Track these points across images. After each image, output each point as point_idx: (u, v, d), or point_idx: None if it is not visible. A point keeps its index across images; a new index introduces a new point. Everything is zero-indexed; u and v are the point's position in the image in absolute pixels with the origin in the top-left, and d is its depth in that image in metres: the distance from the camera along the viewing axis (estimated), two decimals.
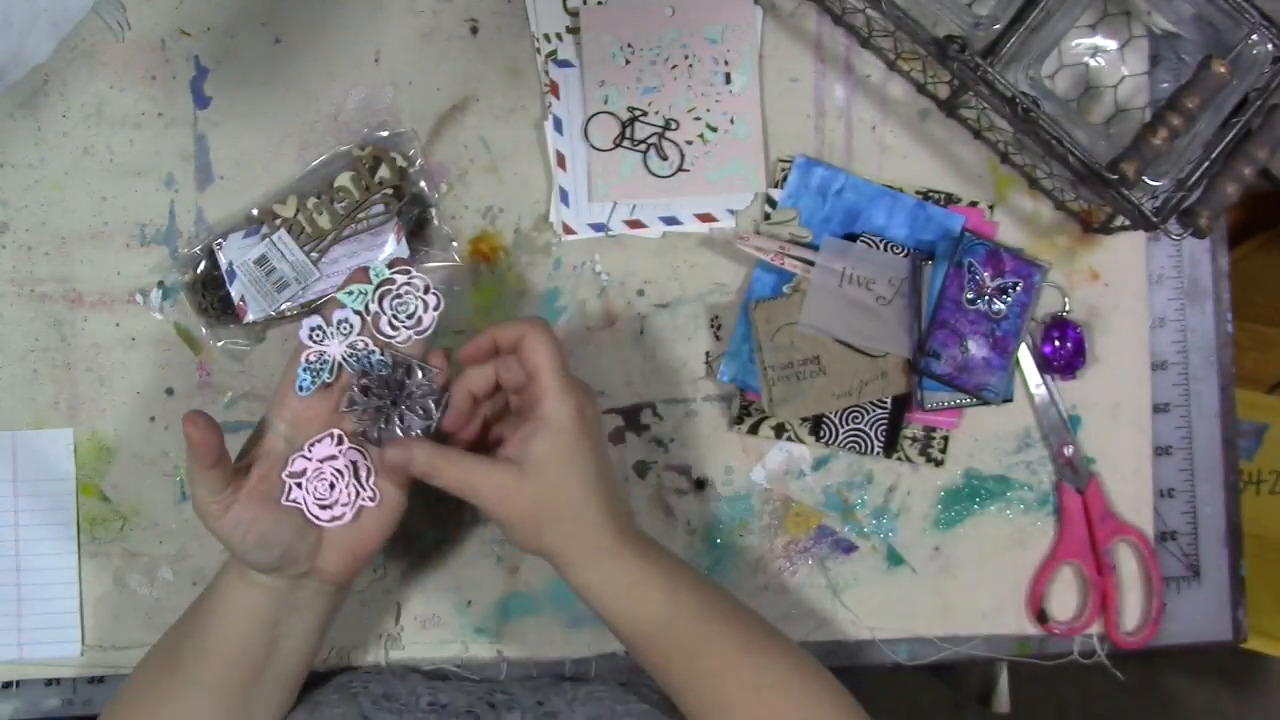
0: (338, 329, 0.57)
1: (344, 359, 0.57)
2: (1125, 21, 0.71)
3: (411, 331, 0.58)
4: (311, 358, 0.57)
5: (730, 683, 0.57)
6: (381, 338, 0.58)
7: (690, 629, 0.57)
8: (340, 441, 0.57)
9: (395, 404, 0.57)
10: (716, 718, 0.57)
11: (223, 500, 0.54)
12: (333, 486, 0.57)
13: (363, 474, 0.58)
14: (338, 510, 0.57)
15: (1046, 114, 0.61)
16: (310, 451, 0.57)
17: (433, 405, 0.58)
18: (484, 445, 0.61)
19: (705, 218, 0.71)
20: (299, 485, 0.56)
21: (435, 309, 0.58)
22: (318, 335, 0.57)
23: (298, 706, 0.63)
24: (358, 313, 0.57)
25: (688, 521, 0.71)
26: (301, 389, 0.57)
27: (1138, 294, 0.72)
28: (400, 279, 0.58)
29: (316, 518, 0.57)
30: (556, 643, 0.71)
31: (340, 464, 0.57)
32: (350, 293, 0.57)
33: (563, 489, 0.55)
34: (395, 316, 0.58)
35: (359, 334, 0.57)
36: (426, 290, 0.58)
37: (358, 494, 0.57)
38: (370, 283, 0.57)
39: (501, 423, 0.62)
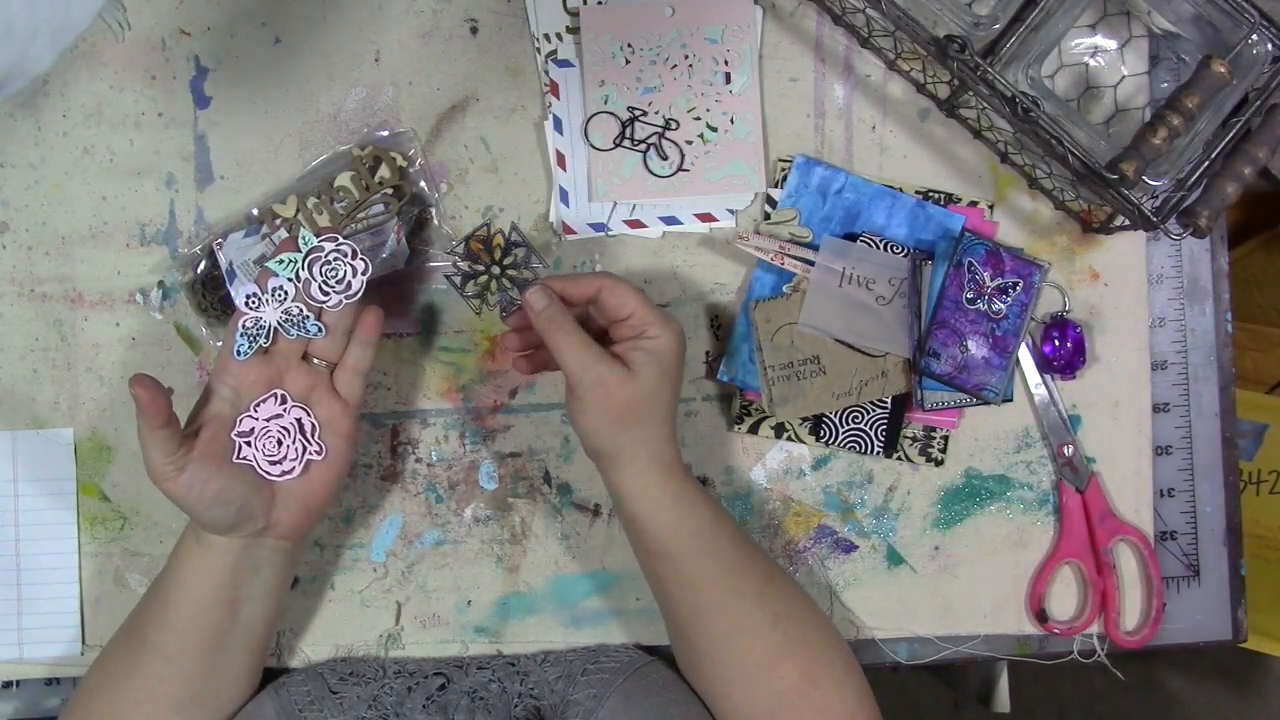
0: (272, 296, 0.59)
1: (279, 324, 0.59)
2: (1125, 21, 0.71)
3: (342, 296, 0.60)
4: (248, 324, 0.59)
5: (754, 605, 0.60)
6: (314, 303, 0.60)
7: (725, 548, 0.61)
8: (284, 401, 0.60)
9: (497, 275, 0.61)
10: (739, 638, 0.60)
11: (176, 461, 0.57)
12: (280, 443, 0.60)
13: (308, 430, 0.60)
14: (287, 465, 0.60)
15: (1046, 114, 0.61)
16: (256, 412, 0.60)
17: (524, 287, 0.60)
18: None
19: (705, 218, 0.71)
20: (248, 444, 0.59)
21: (364, 273, 0.60)
22: (253, 302, 0.59)
23: (265, 689, 0.65)
24: (290, 280, 0.59)
25: None
26: (239, 353, 0.59)
27: (1137, 294, 0.72)
28: (329, 246, 0.60)
29: (268, 473, 0.60)
30: (556, 642, 0.71)
31: (286, 422, 0.60)
32: (281, 261, 0.59)
33: (653, 399, 0.59)
34: (326, 282, 0.59)
35: (293, 300, 0.59)
36: (354, 255, 0.60)
37: (305, 449, 0.60)
38: (299, 251, 0.59)
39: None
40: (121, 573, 0.70)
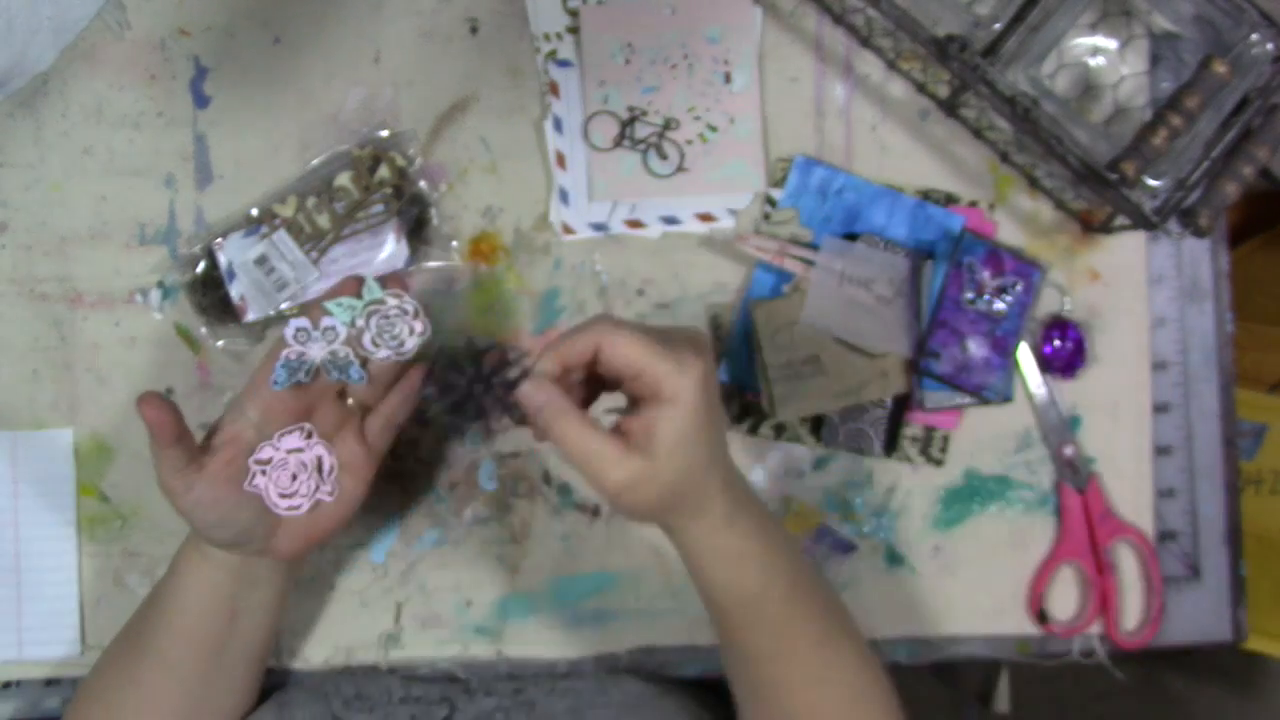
0: (323, 335, 0.57)
1: (322, 363, 0.57)
2: (1125, 21, 0.71)
3: (392, 352, 0.58)
4: (292, 357, 0.57)
5: (797, 668, 0.58)
6: (362, 351, 0.58)
7: (776, 609, 0.57)
8: (309, 436, 0.58)
9: (477, 393, 0.54)
10: (776, 690, 0.58)
11: (186, 477, 0.55)
12: (295, 478, 0.58)
13: (325, 470, 0.59)
14: (296, 500, 0.58)
15: (1046, 114, 0.61)
16: (279, 442, 0.58)
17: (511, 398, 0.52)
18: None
19: (705, 218, 0.71)
20: (263, 473, 0.58)
21: (420, 334, 0.58)
22: (301, 337, 0.57)
23: (267, 704, 0.64)
24: (344, 324, 0.57)
25: None
26: (276, 384, 0.57)
27: (1137, 294, 0.72)
28: (392, 301, 0.57)
29: (275, 505, 0.58)
30: (556, 643, 0.71)
31: (305, 457, 0.58)
32: (340, 304, 0.57)
33: (691, 470, 0.51)
34: (380, 335, 0.57)
35: (342, 343, 0.57)
36: (415, 315, 0.58)
37: (317, 487, 0.59)
38: (361, 297, 0.57)
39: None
40: (121, 573, 0.70)
